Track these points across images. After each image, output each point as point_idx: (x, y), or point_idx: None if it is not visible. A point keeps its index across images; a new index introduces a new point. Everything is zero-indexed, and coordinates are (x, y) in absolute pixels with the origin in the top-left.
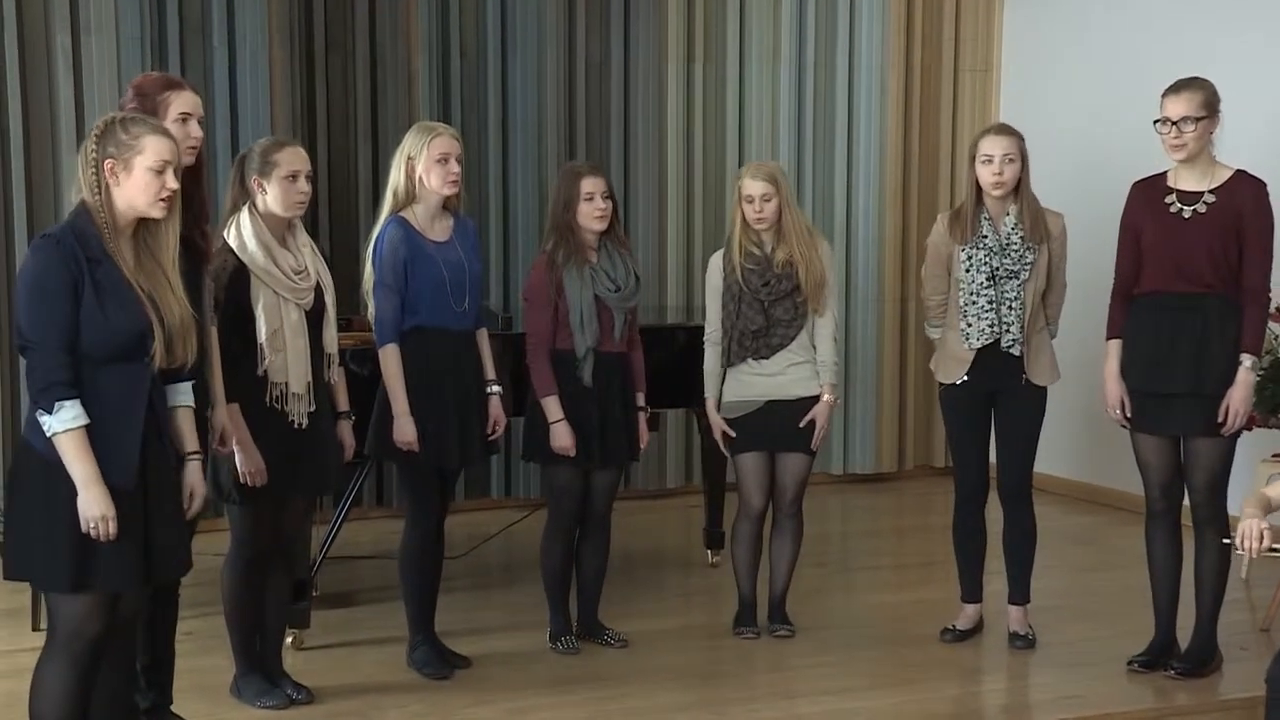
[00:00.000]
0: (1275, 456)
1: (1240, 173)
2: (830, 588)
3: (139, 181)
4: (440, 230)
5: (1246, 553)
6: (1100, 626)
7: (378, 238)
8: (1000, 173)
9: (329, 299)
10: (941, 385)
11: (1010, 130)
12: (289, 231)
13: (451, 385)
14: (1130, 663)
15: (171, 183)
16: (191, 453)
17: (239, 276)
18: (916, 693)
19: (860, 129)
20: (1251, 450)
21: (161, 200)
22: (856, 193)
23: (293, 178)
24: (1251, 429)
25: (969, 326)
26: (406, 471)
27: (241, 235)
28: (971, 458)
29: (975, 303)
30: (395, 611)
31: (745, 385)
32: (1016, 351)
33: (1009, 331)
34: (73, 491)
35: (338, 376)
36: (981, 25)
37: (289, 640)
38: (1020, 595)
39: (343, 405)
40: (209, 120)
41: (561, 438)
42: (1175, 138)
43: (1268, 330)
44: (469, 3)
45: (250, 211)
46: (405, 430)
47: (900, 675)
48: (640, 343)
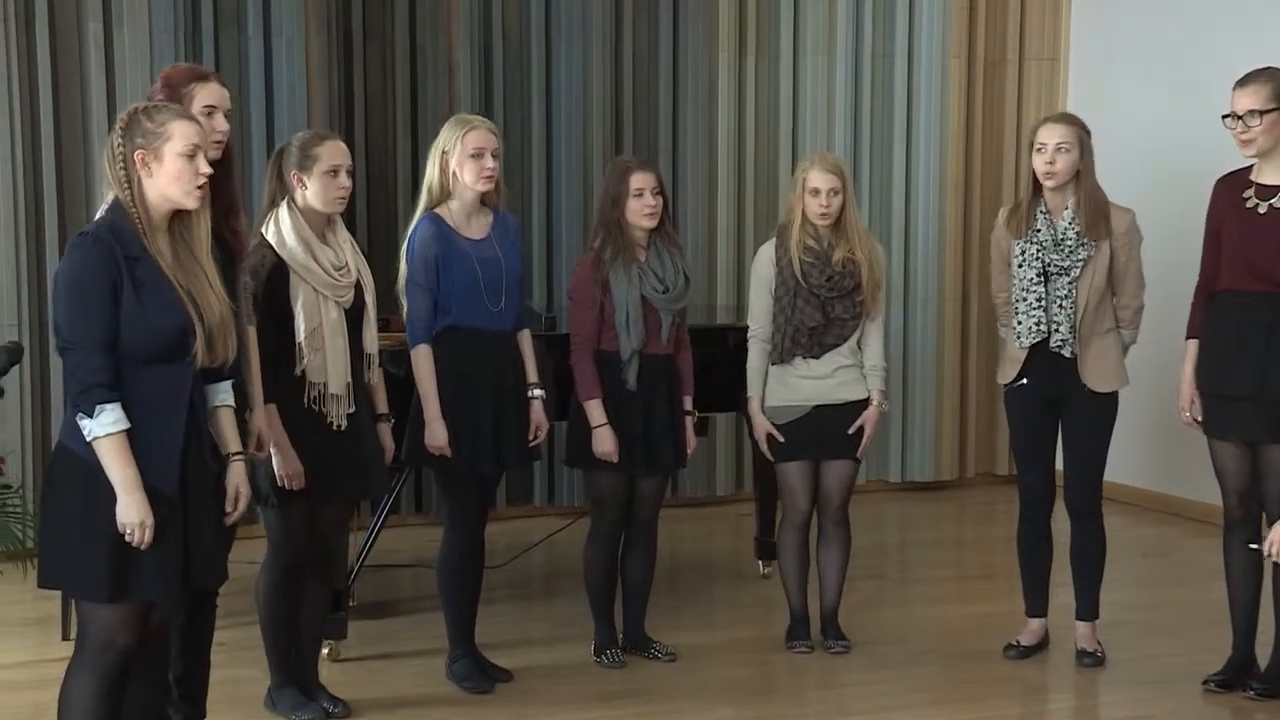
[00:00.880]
0: None
1: None
2: (887, 601)
3: (171, 169)
4: (477, 227)
5: (1271, 557)
6: (1174, 643)
7: (411, 235)
8: (1052, 162)
9: (369, 297)
10: (1004, 388)
11: (1069, 119)
12: (329, 227)
13: (487, 388)
14: (1206, 682)
15: (204, 168)
16: (235, 453)
17: (277, 273)
18: (977, 712)
19: (920, 122)
20: None
21: (197, 188)
22: (916, 188)
23: (333, 172)
24: None
25: (1019, 324)
26: (442, 478)
27: (280, 231)
28: (1034, 465)
29: (1025, 299)
30: (435, 622)
31: (791, 389)
32: (1067, 353)
33: (1057, 331)
34: (113, 496)
35: (377, 378)
36: (1048, 12)
37: (325, 651)
38: (1088, 610)
39: (381, 407)
40: (243, 112)
41: (604, 443)
42: (1242, 132)
43: None
44: None
45: (289, 206)
46: (437, 434)
47: (960, 693)
48: (689, 344)
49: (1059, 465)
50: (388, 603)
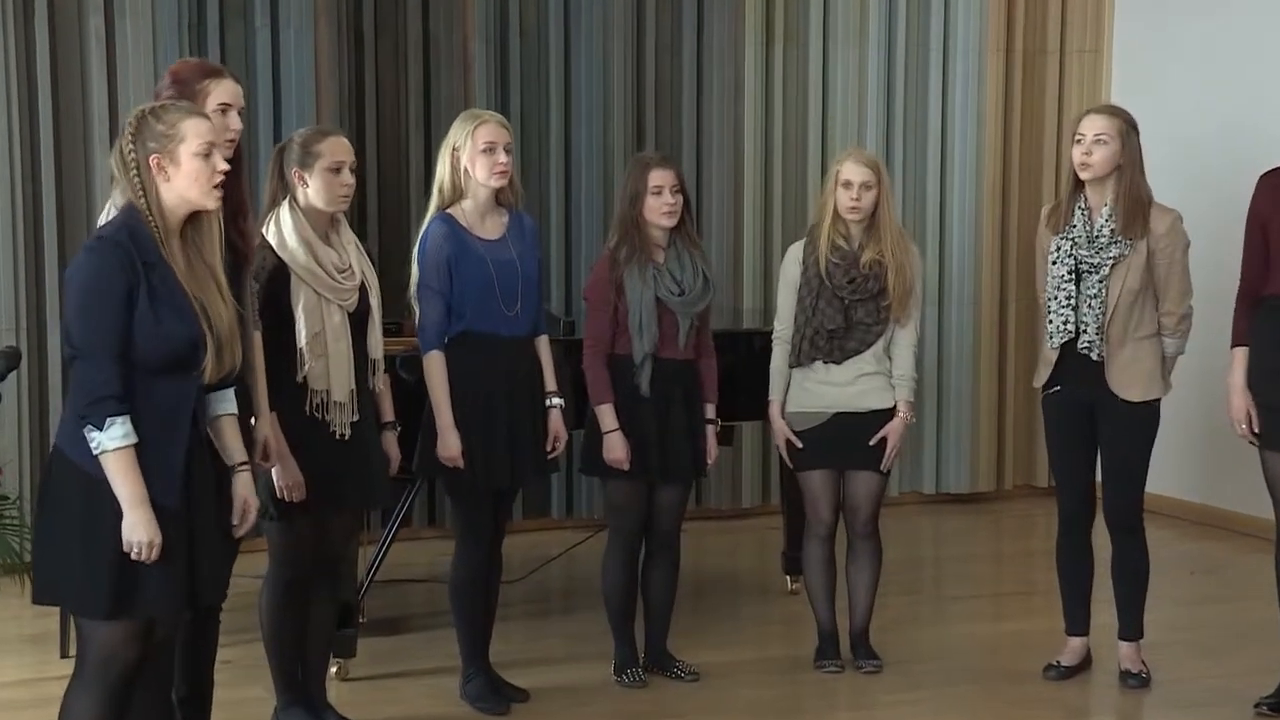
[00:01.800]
0: None
1: None
2: (921, 618)
3: (189, 171)
4: (491, 227)
5: None
6: (1222, 664)
7: (422, 236)
8: (1089, 153)
9: (374, 300)
10: (1041, 395)
11: (1113, 110)
12: (332, 227)
13: (503, 396)
14: (1257, 705)
15: (221, 165)
16: (241, 464)
17: (278, 275)
18: None
19: (955, 116)
20: None
21: (215, 187)
22: (951, 186)
23: (336, 169)
24: None
25: (1050, 324)
26: (454, 490)
27: (281, 231)
28: (1072, 476)
29: (1056, 297)
30: (448, 640)
31: (812, 395)
32: (1094, 355)
33: (1085, 331)
34: (116, 509)
35: (383, 384)
36: (1091, 1)
37: (333, 670)
38: (1132, 629)
39: (388, 415)
40: (250, 109)
41: (615, 449)
42: None
43: None
44: None
45: (290, 206)
46: (449, 444)
47: (998, 714)
48: (713, 350)
49: (1099, 477)
50: (399, 619)
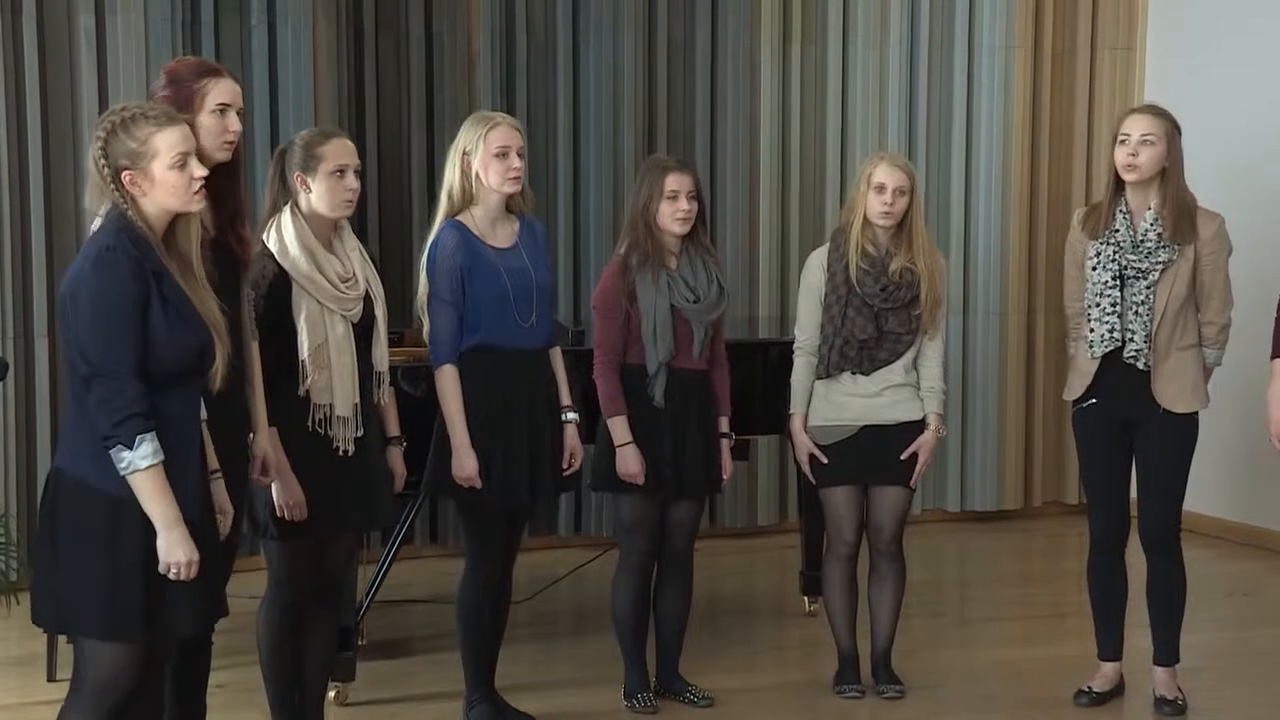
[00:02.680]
0: None
1: None
2: (946, 641)
3: (165, 185)
4: (503, 235)
5: None
6: (1262, 691)
7: (431, 245)
8: (1135, 154)
9: (379, 311)
10: (1072, 408)
11: (1159, 110)
12: (335, 234)
13: (521, 412)
14: None
15: (198, 170)
16: (214, 471)
17: (279, 284)
18: None
19: (981, 117)
20: None
21: (195, 194)
22: (976, 190)
23: (340, 173)
24: None
25: (1092, 332)
26: (466, 510)
27: (283, 238)
28: (1106, 493)
29: (1099, 304)
30: (450, 663)
31: (837, 407)
32: (1141, 365)
33: (1132, 340)
34: (140, 529)
35: (388, 398)
36: None
37: (332, 694)
38: (1167, 654)
39: (393, 430)
40: (245, 108)
41: (629, 463)
42: None
43: None
44: None
45: (292, 212)
46: (465, 464)
47: None
48: (726, 360)
49: (1133, 494)
50: (400, 641)
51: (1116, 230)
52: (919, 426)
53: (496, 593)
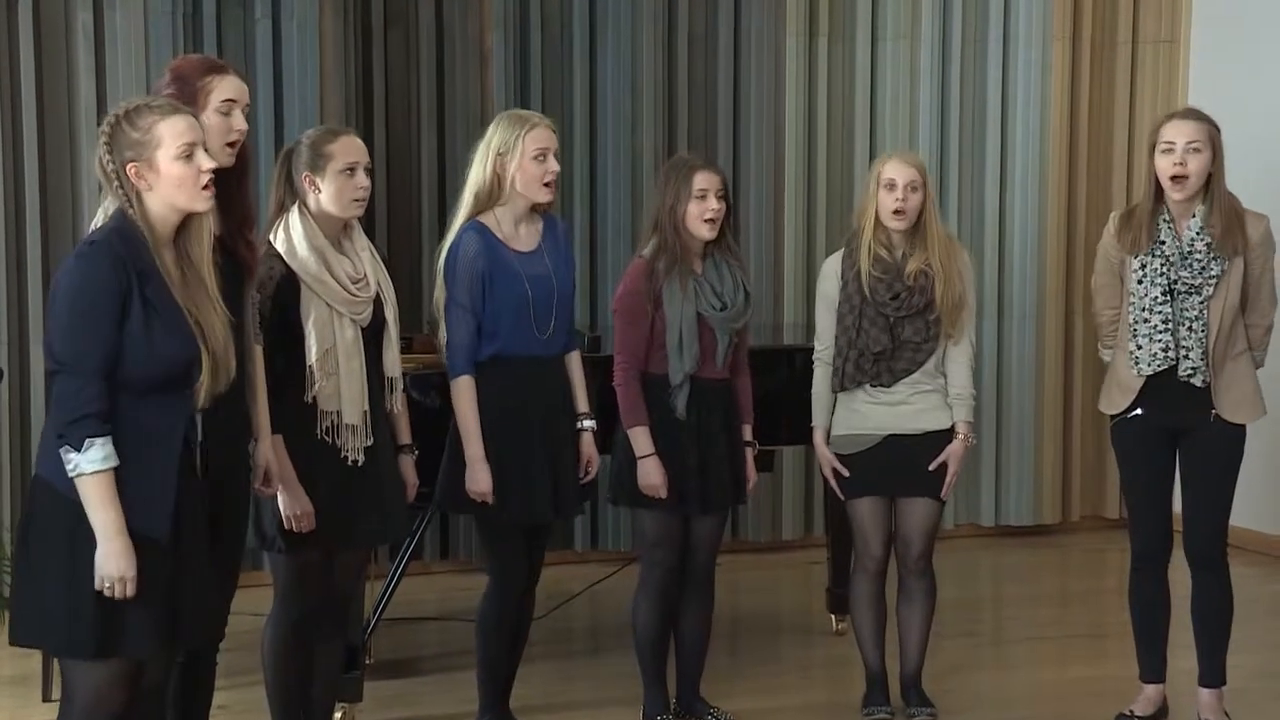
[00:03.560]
0: None
1: None
2: (980, 662)
3: (171, 177)
4: (527, 238)
5: None
6: None
7: (452, 247)
8: (1183, 163)
9: (390, 314)
10: (1112, 419)
11: (1199, 115)
12: (345, 234)
13: (541, 424)
14: None
15: (206, 163)
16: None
17: (286, 286)
18: None
19: (1017, 113)
20: None
21: (203, 188)
22: (1012, 190)
23: (350, 171)
24: None
25: (1139, 349)
26: (485, 527)
27: (291, 238)
28: (1149, 508)
29: (1148, 320)
30: (461, 683)
31: (860, 416)
32: (1198, 382)
33: (1187, 357)
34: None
35: (400, 405)
36: None
37: (338, 715)
38: (1213, 676)
39: (405, 437)
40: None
41: (651, 475)
42: None
43: None
44: None
45: (301, 212)
46: (480, 479)
47: None
48: (748, 368)
49: (1177, 508)
50: (408, 660)
51: (1162, 242)
52: (947, 436)
53: (518, 611)
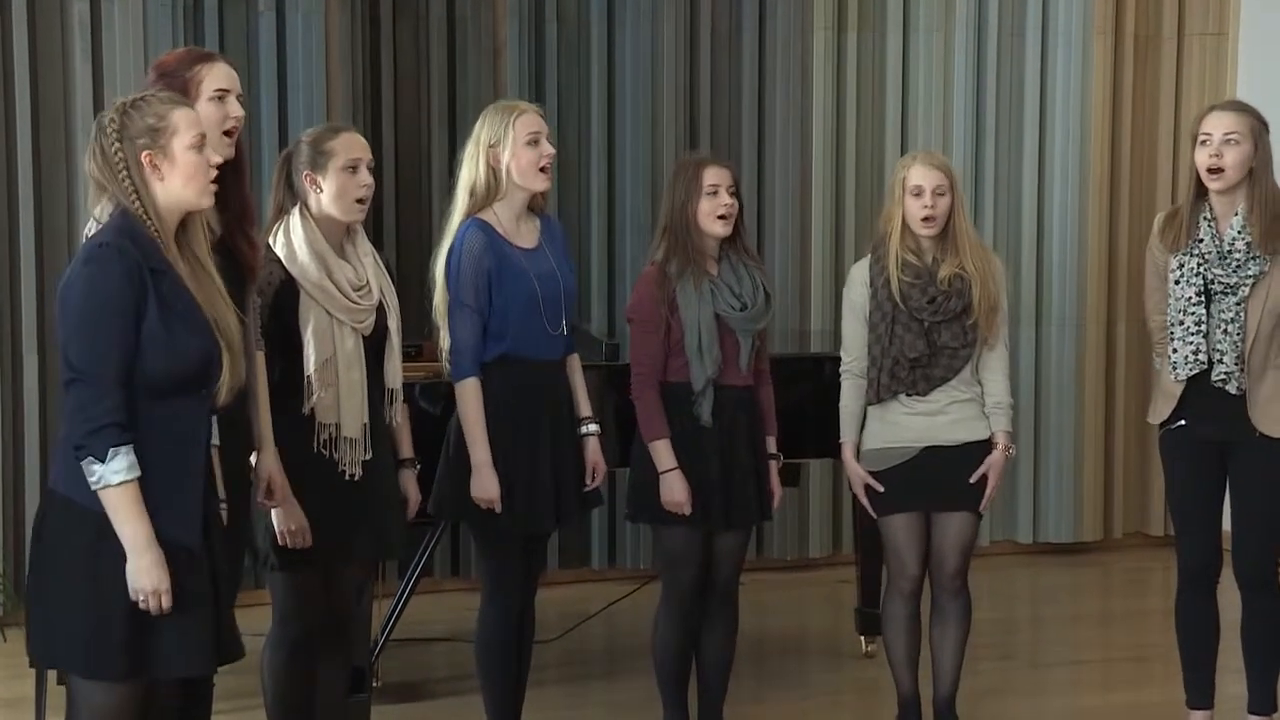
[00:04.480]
0: None
1: None
2: (1016, 687)
3: (185, 167)
4: (527, 234)
5: None
6: None
7: (454, 245)
8: (1219, 155)
9: (392, 323)
10: (1158, 429)
11: (1241, 106)
12: (348, 238)
13: (547, 428)
14: None
15: (214, 158)
16: (222, 501)
17: (285, 292)
18: None
19: (1056, 111)
20: None
21: (209, 185)
22: (1051, 190)
23: (352, 168)
24: None
25: (1175, 353)
26: (484, 535)
27: (291, 242)
28: (1196, 524)
29: (1183, 323)
30: (472, 706)
31: (895, 428)
32: (1232, 388)
33: (1221, 362)
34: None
35: (402, 417)
36: None
37: None
38: (1264, 702)
39: (406, 451)
40: (252, 102)
41: (675, 490)
42: None
43: None
44: None
45: (302, 214)
46: (486, 485)
47: None
48: (769, 376)
49: (1226, 525)
50: (418, 683)
51: (1201, 240)
52: (984, 447)
53: (519, 627)
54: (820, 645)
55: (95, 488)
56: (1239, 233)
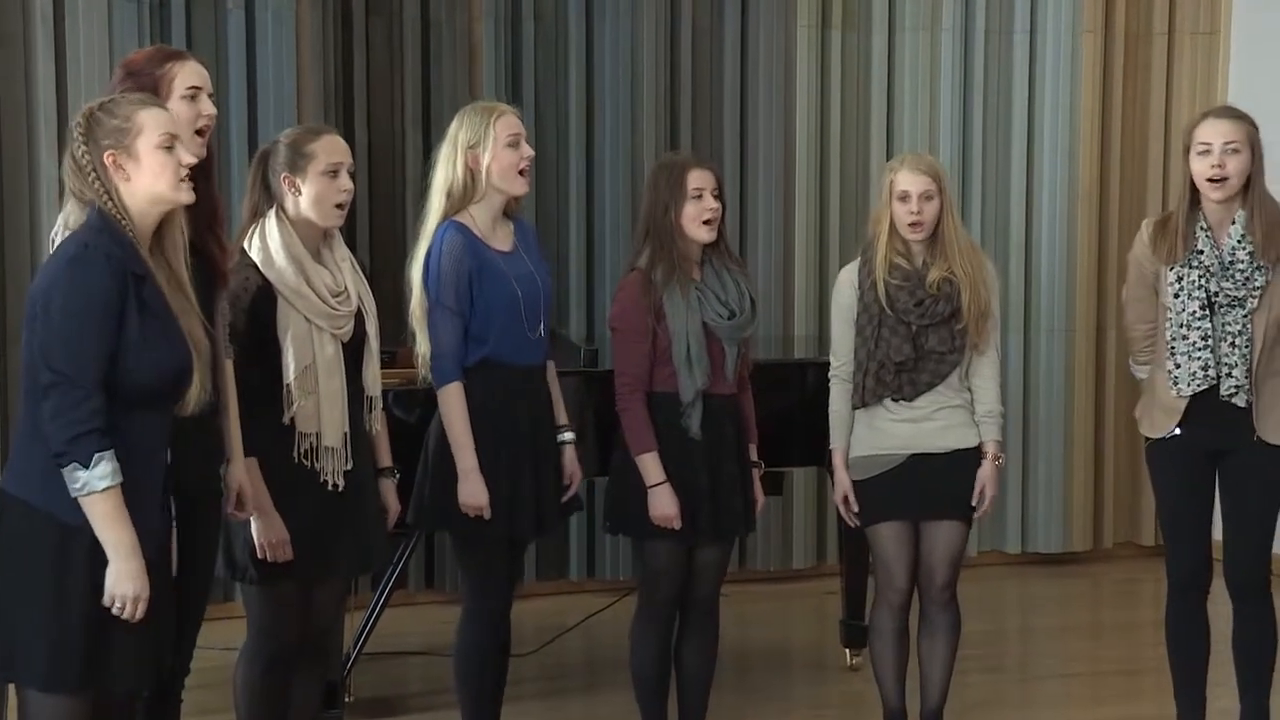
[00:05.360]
0: None
1: None
2: (1005, 700)
3: (152, 166)
4: (503, 237)
5: None
6: None
7: (432, 248)
8: (1221, 165)
9: (371, 329)
10: (1148, 441)
11: (1237, 113)
12: (325, 243)
13: (528, 434)
14: None
15: (186, 157)
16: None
17: (262, 298)
18: None
19: (1044, 112)
20: None
21: (183, 180)
22: (1039, 193)
23: (333, 172)
24: None
25: (1177, 368)
26: (470, 545)
27: (267, 246)
28: (1188, 533)
29: (1186, 337)
30: None
31: (882, 434)
32: (1241, 401)
33: (1230, 376)
34: (88, 563)
35: (380, 424)
36: None
37: None
38: (1256, 714)
39: (385, 460)
40: (220, 103)
41: (665, 505)
42: None
43: None
44: None
45: (278, 217)
46: (474, 491)
47: None
48: (749, 383)
49: (1217, 535)
50: (391, 698)
51: (1200, 251)
52: (973, 455)
53: (499, 638)
54: (804, 658)
55: (79, 495)
56: (1239, 242)
